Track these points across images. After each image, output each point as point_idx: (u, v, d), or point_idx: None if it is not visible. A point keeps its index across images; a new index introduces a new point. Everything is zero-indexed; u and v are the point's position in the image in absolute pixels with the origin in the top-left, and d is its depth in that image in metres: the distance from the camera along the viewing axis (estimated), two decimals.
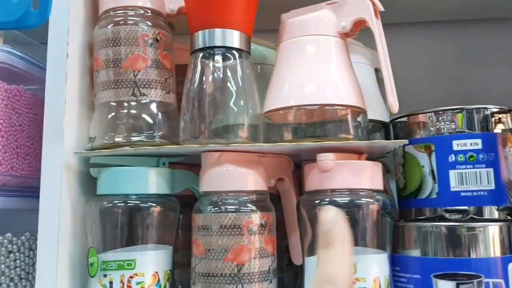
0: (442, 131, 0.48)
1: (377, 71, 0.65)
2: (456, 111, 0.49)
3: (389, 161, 0.58)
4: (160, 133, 0.47)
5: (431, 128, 0.49)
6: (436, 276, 0.42)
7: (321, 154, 0.44)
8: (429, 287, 0.42)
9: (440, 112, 0.49)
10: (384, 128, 0.57)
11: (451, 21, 0.78)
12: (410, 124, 0.51)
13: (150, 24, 0.48)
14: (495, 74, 0.76)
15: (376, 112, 0.56)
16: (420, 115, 0.50)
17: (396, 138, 0.53)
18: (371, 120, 0.55)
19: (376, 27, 0.45)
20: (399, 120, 0.53)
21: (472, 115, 0.48)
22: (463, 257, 0.42)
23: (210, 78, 0.46)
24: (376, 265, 0.42)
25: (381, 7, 0.46)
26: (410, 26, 0.78)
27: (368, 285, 0.41)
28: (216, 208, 0.44)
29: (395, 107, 0.44)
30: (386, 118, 0.56)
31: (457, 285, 0.41)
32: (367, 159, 0.47)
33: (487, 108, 0.48)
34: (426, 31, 0.78)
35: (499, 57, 0.77)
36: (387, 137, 0.56)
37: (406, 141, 0.44)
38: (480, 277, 0.41)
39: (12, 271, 0.48)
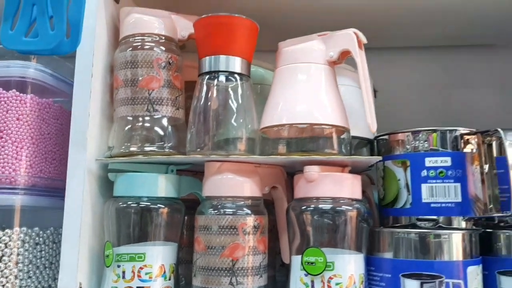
0: (418, 149, 0.55)
1: None
2: (430, 131, 0.55)
3: (374, 174, 0.64)
4: (169, 144, 0.54)
5: (407, 146, 0.56)
6: (404, 276, 0.48)
7: (307, 167, 0.51)
8: (398, 285, 0.49)
9: (416, 132, 0.55)
10: (370, 144, 0.64)
11: (441, 47, 0.84)
12: (390, 141, 0.58)
13: (163, 49, 0.55)
14: (481, 98, 0.83)
15: (363, 130, 0.63)
16: (399, 134, 0.57)
17: (378, 153, 0.60)
18: (358, 137, 0.62)
19: (359, 57, 0.52)
20: (381, 137, 0.60)
21: (445, 136, 0.55)
22: (428, 259, 0.49)
23: (214, 97, 0.53)
24: (352, 264, 0.49)
25: (364, 40, 0.53)
26: (402, 50, 0.85)
27: (344, 281, 0.48)
28: (216, 211, 0.51)
29: (372, 127, 0.51)
30: (371, 136, 0.63)
31: (421, 284, 0.48)
32: (354, 172, 0.54)
33: (457, 130, 0.54)
34: (417, 55, 0.84)
35: (485, 81, 0.84)
36: (372, 153, 0.63)
37: (380, 158, 0.50)
38: (442, 277, 0.47)
39: (38, 261, 0.55)
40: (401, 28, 0.78)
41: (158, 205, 0.53)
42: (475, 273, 0.49)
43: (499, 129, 0.50)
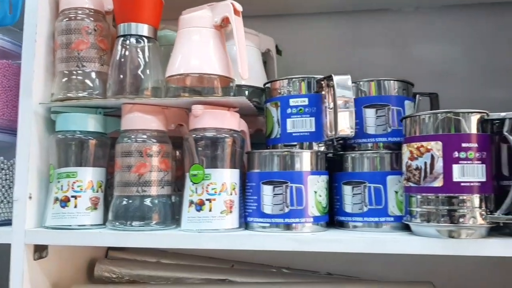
0: (286, 93, 0.71)
1: (269, 51, 0.88)
2: (298, 79, 0.71)
3: None
4: (96, 92, 0.71)
5: (279, 91, 0.72)
6: (263, 183, 0.66)
7: (194, 106, 0.68)
8: (259, 190, 0.66)
9: (286, 80, 0.72)
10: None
11: (343, 12, 0.99)
12: (271, 88, 0.74)
13: (92, 19, 0.72)
14: (377, 54, 0.98)
15: (257, 81, 0.79)
16: (276, 82, 0.73)
17: (266, 98, 0.76)
18: (254, 86, 0.79)
19: (234, 21, 0.68)
20: (267, 86, 0.76)
21: (306, 82, 0.71)
22: (280, 171, 0.66)
23: (127, 55, 0.70)
24: (226, 175, 0.66)
25: (240, 8, 0.69)
26: (311, 16, 1.00)
27: (218, 187, 0.65)
28: (129, 140, 0.69)
29: (243, 75, 0.67)
30: (261, 85, 0.79)
31: (273, 187, 0.65)
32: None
33: (314, 78, 0.71)
34: (324, 20, 1.00)
35: (382, 40, 0.99)
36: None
37: (243, 97, 0.67)
38: (287, 182, 0.65)
39: (3, 182, 0.73)
40: None
41: (88, 137, 0.70)
42: (315, 181, 0.66)
43: (332, 75, 0.66)
